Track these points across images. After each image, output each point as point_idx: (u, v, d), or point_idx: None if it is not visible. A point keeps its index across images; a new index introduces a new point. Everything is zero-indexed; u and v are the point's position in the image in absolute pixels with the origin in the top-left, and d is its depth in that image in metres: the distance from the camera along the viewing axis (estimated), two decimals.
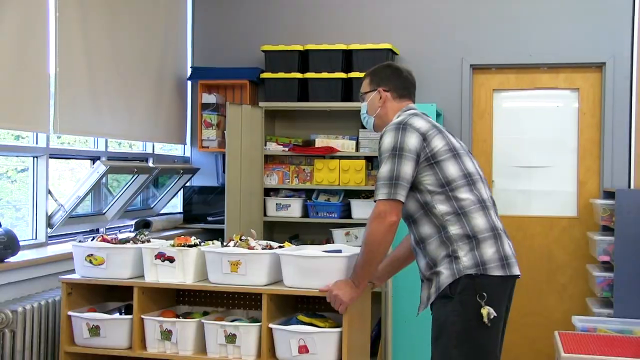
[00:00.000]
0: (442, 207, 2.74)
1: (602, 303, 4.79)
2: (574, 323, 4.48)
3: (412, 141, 2.74)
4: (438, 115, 5.05)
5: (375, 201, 2.75)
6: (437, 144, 2.77)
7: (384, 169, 2.74)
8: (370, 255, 2.80)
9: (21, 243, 3.66)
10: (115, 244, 3.44)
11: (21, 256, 3.61)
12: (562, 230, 5.31)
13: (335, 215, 5.11)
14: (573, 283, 5.28)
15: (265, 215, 5.22)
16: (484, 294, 2.65)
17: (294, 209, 5.19)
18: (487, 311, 2.63)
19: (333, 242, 4.90)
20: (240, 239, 3.35)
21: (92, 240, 3.53)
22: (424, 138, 2.76)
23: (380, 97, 3.00)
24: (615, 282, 4.53)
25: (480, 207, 2.78)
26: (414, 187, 2.76)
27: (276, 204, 5.21)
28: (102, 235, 3.54)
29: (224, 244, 3.35)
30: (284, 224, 5.40)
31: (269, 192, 5.29)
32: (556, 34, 5.23)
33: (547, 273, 5.32)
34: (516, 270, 2.77)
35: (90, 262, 3.38)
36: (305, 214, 5.23)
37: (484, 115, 5.43)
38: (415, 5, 5.43)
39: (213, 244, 3.40)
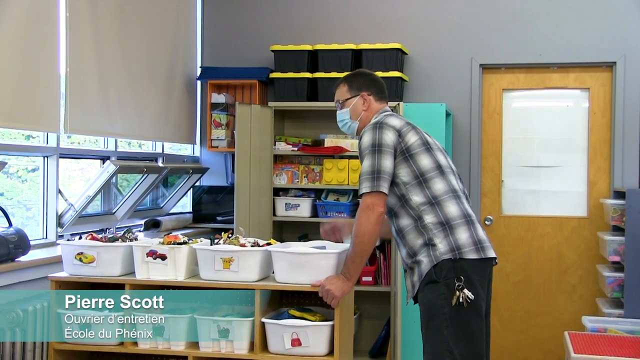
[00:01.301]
0: (416, 198, 2.93)
1: (613, 303, 4.78)
2: (584, 323, 4.46)
3: (389, 137, 2.96)
4: (447, 115, 5.04)
5: (360, 196, 2.93)
6: (411, 138, 2.98)
7: (366, 165, 2.94)
8: (361, 247, 2.95)
9: (31, 242, 3.68)
10: (105, 242, 3.46)
11: (31, 255, 3.63)
12: (572, 231, 5.29)
13: (345, 215, 5.11)
14: (583, 283, 5.26)
15: (274, 215, 5.22)
16: (462, 277, 2.82)
17: (303, 209, 5.19)
18: (463, 294, 2.80)
19: (342, 242, 4.90)
20: (229, 237, 3.42)
21: (80, 239, 3.55)
22: (399, 134, 2.97)
23: (364, 101, 3.17)
24: (625, 282, 4.51)
25: (453, 196, 2.95)
26: (392, 181, 2.95)
27: (285, 203, 5.22)
28: (92, 234, 3.56)
29: (214, 241, 3.40)
30: (293, 224, 5.41)
31: (278, 191, 5.30)
32: (566, 34, 5.21)
33: (557, 273, 5.30)
34: (491, 253, 2.94)
35: (80, 260, 3.40)
36: (315, 213, 5.23)
37: (493, 115, 5.42)
38: (425, 5, 5.42)
39: (201, 241, 3.46)
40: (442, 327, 2.82)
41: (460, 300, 2.80)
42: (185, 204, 5.76)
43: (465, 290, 2.80)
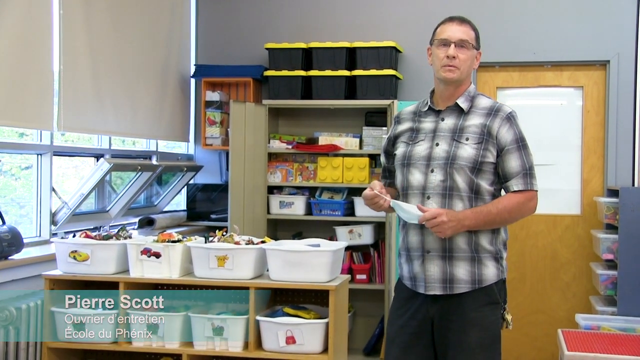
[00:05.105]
0: None
1: (606, 301, 4.79)
2: (578, 321, 4.47)
3: None
4: None
5: (530, 190, 2.74)
6: None
7: (531, 158, 2.89)
8: (504, 222, 2.65)
9: (25, 240, 3.68)
10: (99, 240, 3.45)
11: (25, 253, 3.63)
12: (566, 228, 5.30)
13: (339, 213, 5.11)
14: (577, 281, 5.27)
15: (268, 213, 5.22)
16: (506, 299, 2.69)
17: (297, 207, 5.20)
18: (511, 316, 2.66)
19: (337, 240, 4.91)
20: (223, 235, 3.43)
21: (74, 237, 3.55)
22: None
23: (475, 61, 2.83)
24: (619, 280, 4.52)
25: None
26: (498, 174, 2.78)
27: (280, 201, 5.21)
28: (85, 232, 3.55)
29: (209, 239, 3.40)
30: (288, 222, 5.41)
31: (272, 189, 5.30)
32: (560, 32, 5.22)
33: (550, 271, 5.32)
34: None
35: (74, 258, 3.40)
36: (309, 211, 5.23)
37: None
38: (419, 3, 5.42)
39: (195, 239, 3.45)
40: (498, 354, 2.61)
41: (507, 324, 2.65)
42: (180, 202, 5.75)
43: (508, 315, 2.65)
